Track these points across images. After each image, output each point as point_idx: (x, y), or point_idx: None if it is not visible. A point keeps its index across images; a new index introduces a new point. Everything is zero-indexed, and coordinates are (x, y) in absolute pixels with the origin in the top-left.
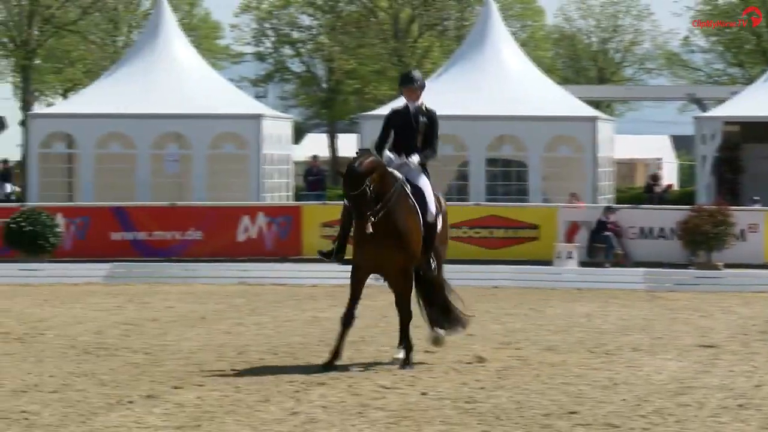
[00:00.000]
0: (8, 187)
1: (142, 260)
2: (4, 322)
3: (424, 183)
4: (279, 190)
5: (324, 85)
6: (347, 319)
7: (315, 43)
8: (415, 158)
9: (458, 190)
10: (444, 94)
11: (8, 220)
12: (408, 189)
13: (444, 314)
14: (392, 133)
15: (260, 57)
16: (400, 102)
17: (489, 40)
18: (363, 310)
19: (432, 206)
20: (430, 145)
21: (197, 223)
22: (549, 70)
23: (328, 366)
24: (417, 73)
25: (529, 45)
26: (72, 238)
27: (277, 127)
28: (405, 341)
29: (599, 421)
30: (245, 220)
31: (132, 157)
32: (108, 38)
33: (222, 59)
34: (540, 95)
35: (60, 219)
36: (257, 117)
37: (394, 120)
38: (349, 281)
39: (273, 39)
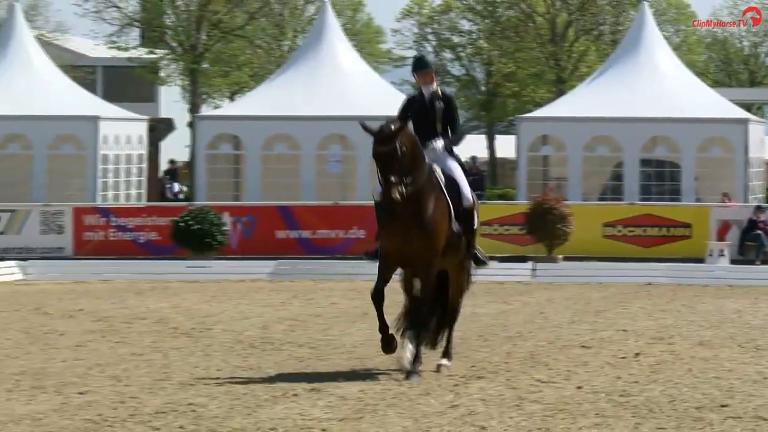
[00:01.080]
0: (176, 187)
1: (306, 258)
2: (173, 318)
3: (455, 167)
4: None
5: (483, 88)
6: (377, 296)
7: (474, 48)
8: (439, 143)
9: (613, 190)
10: (599, 96)
11: (177, 218)
12: (440, 178)
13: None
14: (410, 122)
15: None
16: (557, 103)
17: (643, 44)
18: (521, 307)
19: (467, 190)
20: (453, 130)
21: (360, 221)
22: (701, 73)
23: (387, 345)
24: (430, 58)
25: (682, 49)
26: (238, 237)
27: None
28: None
29: (750, 414)
30: None
31: (297, 157)
32: (274, 43)
33: (384, 63)
34: (693, 98)
35: (227, 218)
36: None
37: (410, 108)
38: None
39: (434, 43)
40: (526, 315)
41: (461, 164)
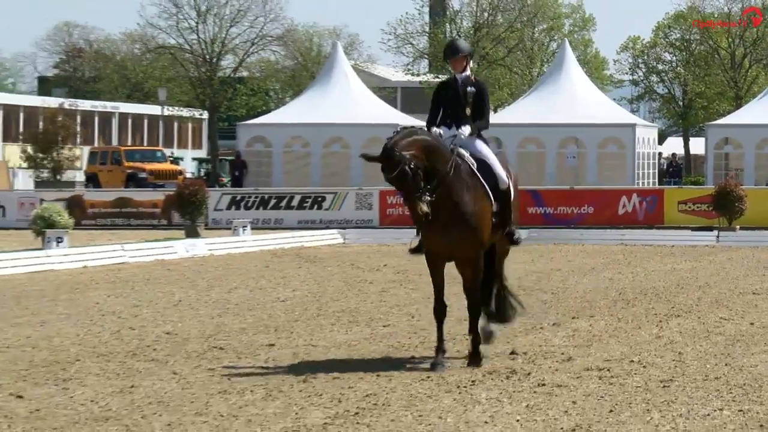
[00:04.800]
0: None
1: (549, 228)
2: (450, 272)
3: (485, 150)
4: (647, 178)
5: (680, 103)
6: (439, 311)
7: (674, 73)
8: (465, 129)
9: None
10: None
11: None
12: (470, 163)
13: (500, 304)
14: (441, 109)
15: (634, 83)
16: (735, 114)
17: None
18: (707, 264)
19: (500, 171)
20: (481, 116)
21: (589, 201)
22: None
23: (435, 366)
24: (462, 43)
25: None
26: None
27: (646, 133)
28: (473, 334)
29: None
30: (623, 199)
31: (542, 154)
32: (526, 70)
33: (607, 84)
34: None
35: None
36: (632, 126)
37: (442, 93)
38: None
39: (643, 70)
40: (712, 270)
41: (489, 147)
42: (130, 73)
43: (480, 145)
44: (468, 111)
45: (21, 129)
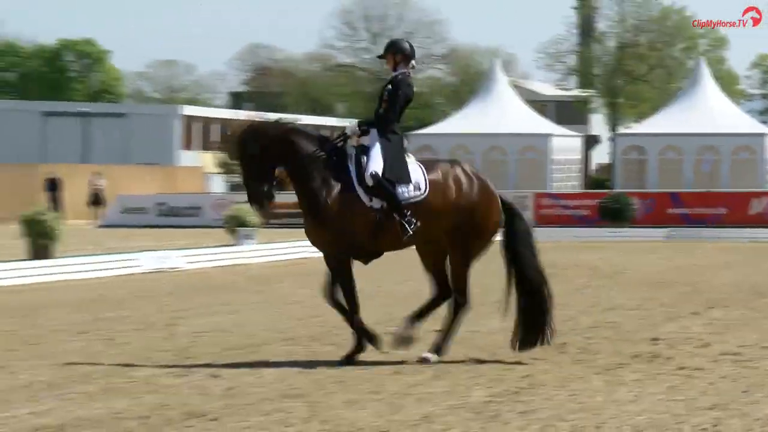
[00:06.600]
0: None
1: (687, 227)
2: (599, 266)
3: (374, 145)
4: None
5: None
6: (331, 299)
7: None
8: (352, 123)
9: None
10: None
11: (602, 200)
12: (349, 156)
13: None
14: None
15: (765, 96)
16: None
17: None
18: None
19: (373, 166)
20: (384, 111)
21: (723, 203)
22: None
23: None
24: (394, 42)
25: None
26: (643, 213)
27: None
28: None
29: None
30: (754, 201)
31: (681, 161)
32: (665, 85)
33: (738, 98)
34: None
35: (636, 200)
36: (762, 135)
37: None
38: None
39: None
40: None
41: (393, 144)
42: (311, 89)
43: (375, 143)
44: (381, 108)
45: (216, 138)
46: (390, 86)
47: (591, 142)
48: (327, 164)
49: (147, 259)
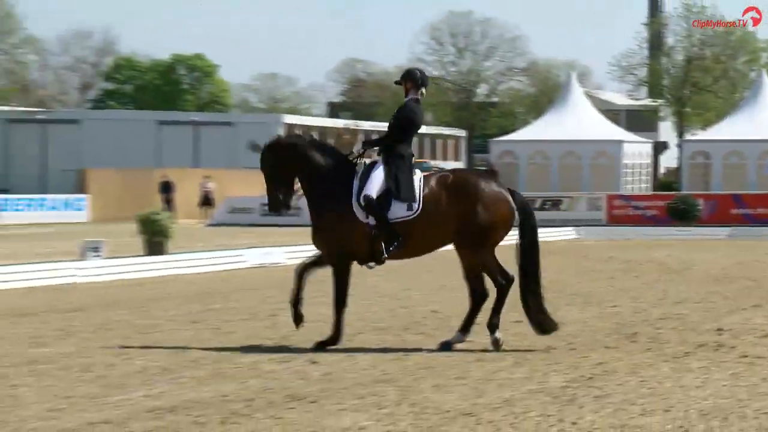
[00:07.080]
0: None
1: (749, 226)
2: (667, 262)
3: (377, 168)
4: None
5: None
6: (296, 303)
7: None
8: (356, 145)
9: None
10: None
11: (670, 201)
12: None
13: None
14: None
15: None
16: None
17: None
18: None
19: (372, 189)
20: (386, 134)
21: None
22: None
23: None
24: (409, 71)
25: None
26: (708, 213)
27: None
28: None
29: None
30: None
31: (744, 165)
32: (729, 96)
33: None
34: None
35: (701, 201)
36: None
37: None
38: None
39: None
40: None
41: (400, 167)
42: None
43: (378, 165)
44: (387, 132)
45: None
46: (396, 112)
47: (660, 148)
48: (336, 178)
49: (252, 255)
